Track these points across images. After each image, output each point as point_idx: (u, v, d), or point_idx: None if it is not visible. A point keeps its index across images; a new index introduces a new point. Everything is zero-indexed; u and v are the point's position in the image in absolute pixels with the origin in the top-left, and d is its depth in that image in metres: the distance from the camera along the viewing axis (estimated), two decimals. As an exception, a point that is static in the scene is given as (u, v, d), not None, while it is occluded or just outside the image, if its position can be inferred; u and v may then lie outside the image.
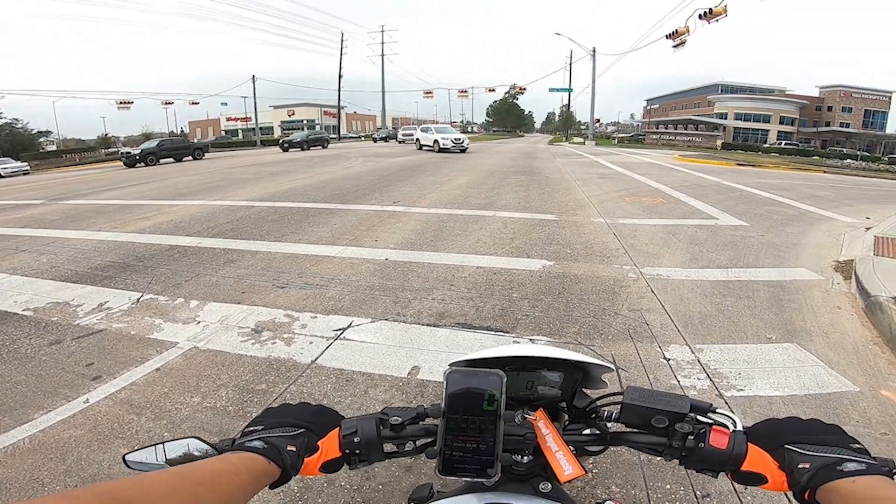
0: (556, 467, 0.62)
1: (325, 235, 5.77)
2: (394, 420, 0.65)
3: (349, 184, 10.69)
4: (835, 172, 21.15)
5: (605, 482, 1.86)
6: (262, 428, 0.60)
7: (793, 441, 0.57)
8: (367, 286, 4.04)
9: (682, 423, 0.62)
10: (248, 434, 0.59)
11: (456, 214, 7.10)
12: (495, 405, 0.59)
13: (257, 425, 0.61)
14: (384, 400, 2.44)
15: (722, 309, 3.64)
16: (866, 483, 0.49)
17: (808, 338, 3.18)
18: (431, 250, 5.12)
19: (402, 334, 3.17)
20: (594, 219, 6.97)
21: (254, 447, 0.55)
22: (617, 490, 1.83)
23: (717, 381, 2.64)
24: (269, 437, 0.58)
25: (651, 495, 1.80)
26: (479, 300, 3.74)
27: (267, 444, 0.56)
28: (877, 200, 10.60)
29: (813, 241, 5.96)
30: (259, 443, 0.56)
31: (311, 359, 2.84)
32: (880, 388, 2.59)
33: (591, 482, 1.86)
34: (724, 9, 16.47)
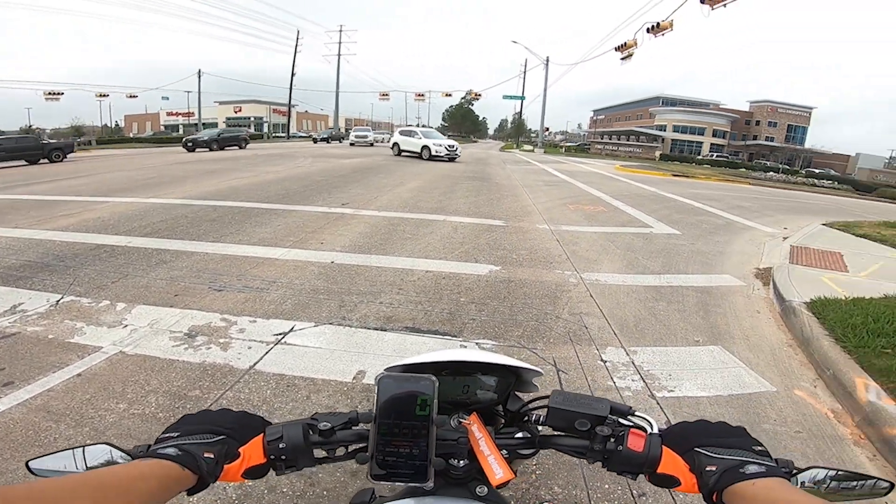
0: (488, 471, 0.63)
1: (267, 237, 5.57)
2: (323, 426, 0.64)
3: (296, 184, 10.39)
4: (758, 184, 22.96)
5: (547, 483, 1.91)
6: (177, 435, 0.58)
7: (701, 444, 0.60)
8: (312, 289, 3.94)
9: (602, 426, 0.64)
10: (162, 441, 0.58)
11: (407, 218, 7.08)
12: (428, 410, 0.60)
13: (173, 432, 0.59)
14: (328, 405, 2.39)
15: (654, 313, 3.85)
16: (765, 485, 0.52)
17: (732, 340, 3.42)
18: (380, 254, 5.07)
19: (348, 338, 3.12)
20: (539, 225, 7.17)
21: (166, 454, 0.54)
22: (559, 490, 1.88)
23: (650, 382, 2.78)
24: (184, 443, 0.56)
25: (591, 495, 1.86)
26: (428, 304, 3.75)
27: (182, 451, 0.54)
28: (794, 211, 11.61)
29: (737, 249, 6.43)
30: (173, 449, 0.55)
31: (249, 364, 2.74)
32: (794, 388, 2.83)
33: (535, 483, 1.91)
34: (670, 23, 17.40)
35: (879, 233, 7.79)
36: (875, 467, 2.18)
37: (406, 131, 24.80)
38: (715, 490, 0.54)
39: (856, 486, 0.59)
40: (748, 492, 0.52)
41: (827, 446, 2.31)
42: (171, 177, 11.29)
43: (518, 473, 1.90)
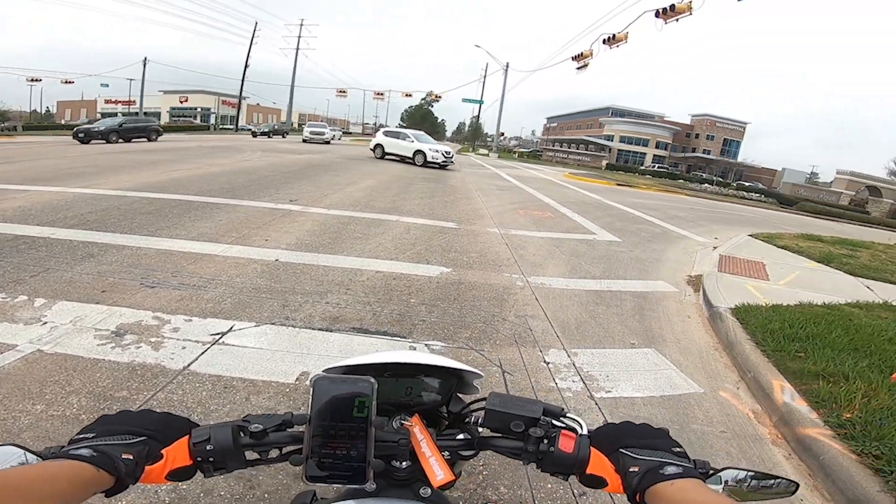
0: (429, 472, 0.63)
1: (207, 232, 5.31)
2: (255, 427, 0.63)
3: (242, 178, 9.97)
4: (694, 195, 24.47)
5: (494, 483, 1.94)
6: (93, 436, 0.56)
7: (626, 445, 0.62)
8: (253, 288, 3.79)
9: (535, 428, 0.66)
10: (76, 442, 0.56)
11: (358, 217, 6.97)
12: (366, 411, 0.59)
13: (88, 433, 0.57)
14: (269, 407, 2.32)
15: (595, 316, 4.01)
16: (681, 486, 0.55)
17: (664, 343, 3.62)
18: (328, 253, 4.97)
19: (291, 339, 3.03)
20: (490, 229, 7.29)
21: (79, 455, 0.52)
22: (505, 490, 1.91)
23: (589, 383, 2.88)
24: (100, 444, 0.54)
25: (535, 495, 1.91)
26: (377, 305, 3.71)
27: (97, 452, 0.53)
28: (724, 222, 12.46)
29: (672, 257, 6.82)
30: (87, 450, 0.53)
31: (183, 364, 2.60)
32: (719, 390, 3.03)
33: (482, 483, 1.93)
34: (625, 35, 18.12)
35: (797, 244, 8.51)
36: (790, 466, 2.36)
37: (393, 132, 22.37)
38: (637, 490, 0.57)
39: (769, 486, 0.63)
40: (666, 492, 0.54)
41: (749, 446, 2.47)
42: (106, 166, 10.52)
43: (465, 474, 1.94)
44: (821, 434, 2.41)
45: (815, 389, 2.76)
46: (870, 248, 9.52)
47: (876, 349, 3.36)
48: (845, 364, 3.06)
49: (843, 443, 2.32)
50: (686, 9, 14.11)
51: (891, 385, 2.82)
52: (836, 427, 2.44)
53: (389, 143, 21.08)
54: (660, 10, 14.75)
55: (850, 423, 2.44)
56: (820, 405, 2.63)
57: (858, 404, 2.58)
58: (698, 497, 0.53)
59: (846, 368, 3.00)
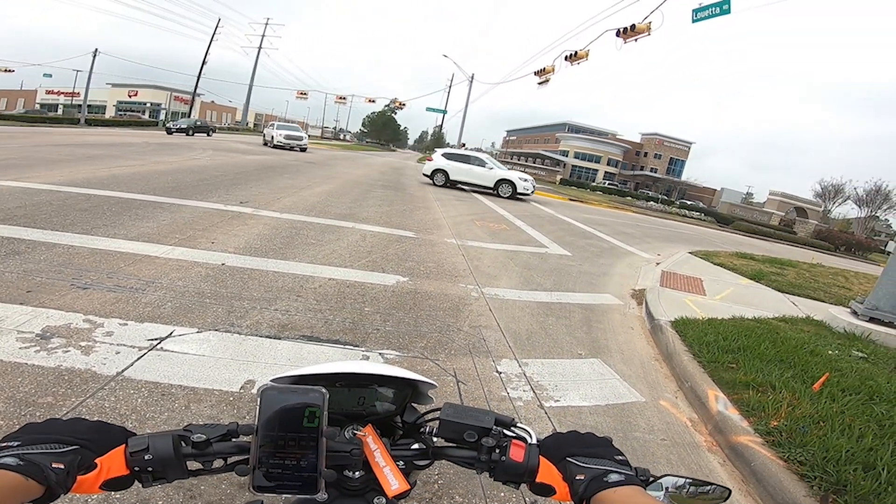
0: (384, 482, 0.64)
1: (148, 232, 5.03)
2: (197, 437, 0.61)
3: (189, 177, 9.53)
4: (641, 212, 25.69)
5: (449, 492, 1.94)
6: (18, 444, 0.53)
7: (572, 454, 0.64)
8: (196, 292, 3.62)
9: (487, 438, 0.67)
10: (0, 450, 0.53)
11: (312, 223, 6.82)
12: (316, 422, 0.59)
13: (12, 441, 0.54)
14: (211, 416, 2.22)
15: (545, 327, 4.11)
16: (623, 493, 0.57)
17: (609, 354, 3.75)
18: (279, 258, 4.82)
19: (236, 346, 2.91)
20: (448, 239, 7.33)
21: (4, 463, 0.50)
22: (460, 499, 1.91)
23: (539, 392, 2.94)
24: (26, 453, 0.52)
25: (489, 502, 1.93)
26: (329, 313, 3.63)
27: (23, 461, 0.51)
28: (667, 239, 13.14)
29: (618, 271, 7.12)
30: (13, 459, 0.51)
31: (116, 370, 2.44)
32: (660, 399, 3.17)
33: (438, 493, 1.93)
34: (586, 53, 18.67)
35: (732, 262, 9.10)
36: (725, 472, 2.48)
37: (459, 155, 18.22)
38: (583, 498, 0.59)
39: (705, 492, 0.68)
40: (610, 499, 0.57)
41: (687, 453, 2.59)
42: (40, 159, 9.76)
43: (420, 483, 1.92)
44: (751, 441, 2.55)
45: (745, 399, 2.94)
46: (795, 266, 10.32)
47: (799, 360, 3.61)
48: (772, 374, 3.27)
49: (772, 450, 2.47)
50: (645, 29, 14.82)
51: (812, 394, 3.03)
52: (765, 434, 2.59)
53: (457, 170, 17.40)
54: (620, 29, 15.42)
55: (777, 430, 2.59)
56: (750, 414, 2.79)
57: (784, 413, 2.76)
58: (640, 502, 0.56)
59: (773, 379, 3.20)
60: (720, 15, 12.76)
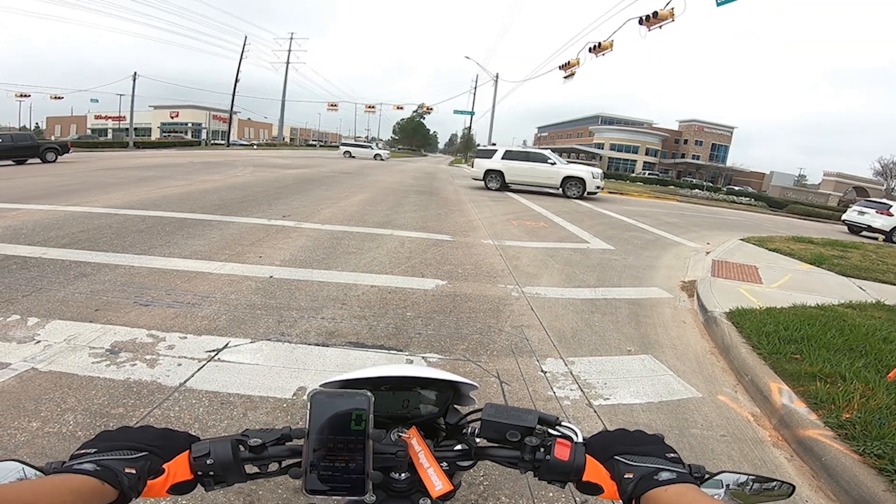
0: (428, 483, 0.64)
1: (200, 249, 5.29)
2: (253, 442, 0.64)
3: (234, 194, 9.97)
4: (685, 201, 24.68)
5: (495, 493, 1.93)
6: (94, 451, 0.57)
7: (620, 452, 0.63)
8: (248, 305, 3.77)
9: (530, 437, 0.67)
10: (77, 457, 0.56)
11: (352, 232, 6.97)
12: (363, 424, 0.60)
13: (89, 448, 0.58)
14: (266, 422, 2.30)
15: (590, 324, 4.01)
16: (675, 491, 0.55)
17: (661, 349, 3.63)
18: (322, 268, 4.95)
19: (287, 354, 3.01)
20: (484, 240, 7.31)
21: (83, 469, 0.53)
22: (506, 500, 1.90)
23: (587, 391, 2.88)
24: (102, 459, 0.55)
25: (536, 503, 1.90)
26: (373, 319, 3.69)
27: (100, 467, 0.54)
28: (716, 227, 12.57)
29: (665, 263, 6.87)
30: (90, 465, 0.54)
31: (179, 381, 2.58)
32: (717, 394, 3.03)
33: (483, 494, 1.92)
34: (610, 43, 18.26)
35: (789, 247, 8.60)
36: (793, 468, 2.35)
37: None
38: (632, 497, 0.57)
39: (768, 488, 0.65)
40: (661, 498, 0.55)
41: (750, 449, 2.47)
42: (96, 183, 10.48)
43: (465, 485, 1.93)
44: (821, 435, 2.41)
45: (812, 391, 2.77)
46: (860, 248, 9.64)
47: (871, 349, 3.38)
48: (841, 364, 3.08)
49: (845, 443, 2.33)
50: (669, 15, 14.35)
51: (888, 384, 2.83)
52: (837, 428, 2.44)
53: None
54: (643, 17, 14.99)
55: (850, 423, 2.44)
56: (818, 406, 2.63)
57: (857, 404, 2.59)
58: (692, 501, 0.54)
59: (843, 369, 3.01)
60: None
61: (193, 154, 28.10)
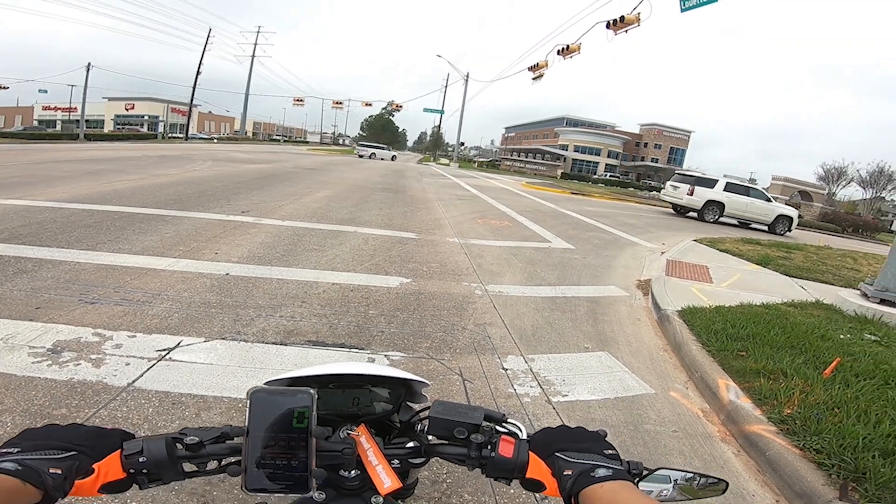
0: (377, 480, 0.65)
1: (152, 245, 5.06)
2: (190, 440, 0.63)
3: (191, 188, 9.58)
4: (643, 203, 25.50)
5: (458, 491, 1.95)
6: (17, 450, 0.55)
7: (561, 448, 0.64)
8: (202, 303, 3.64)
9: (476, 434, 0.68)
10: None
11: (314, 229, 6.84)
12: (305, 422, 0.60)
13: (12, 447, 0.55)
14: (221, 422, 2.24)
15: (550, 322, 4.10)
16: (610, 488, 0.57)
17: (616, 346, 3.74)
18: (282, 265, 4.84)
19: (244, 353, 2.93)
20: (450, 238, 7.33)
21: (3, 468, 0.51)
22: (469, 498, 1.92)
23: (546, 388, 2.94)
24: (25, 458, 0.53)
25: (498, 500, 1.93)
26: (334, 317, 3.64)
27: (22, 466, 0.52)
28: (671, 229, 13.06)
29: (622, 262, 7.09)
30: (11, 464, 0.52)
31: (127, 381, 2.47)
32: (669, 390, 3.15)
33: (446, 491, 1.93)
34: (578, 46, 18.64)
35: (738, 248, 9.04)
36: (740, 462, 2.46)
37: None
38: (571, 493, 0.58)
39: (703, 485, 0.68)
40: (596, 494, 0.56)
41: (700, 444, 2.57)
42: (42, 176, 9.84)
43: (428, 482, 1.94)
44: (765, 430, 2.52)
45: (757, 387, 2.90)
46: (802, 250, 10.24)
47: (810, 346, 3.57)
48: (783, 361, 3.23)
49: (787, 438, 2.43)
50: (635, 20, 14.74)
51: (825, 381, 2.98)
52: (779, 423, 2.54)
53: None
54: (610, 21, 15.36)
55: (791, 418, 2.55)
56: (763, 402, 2.75)
57: (797, 400, 2.71)
58: (626, 499, 0.55)
59: (784, 365, 3.15)
60: (708, 3, 12.56)
61: (149, 147, 26.84)
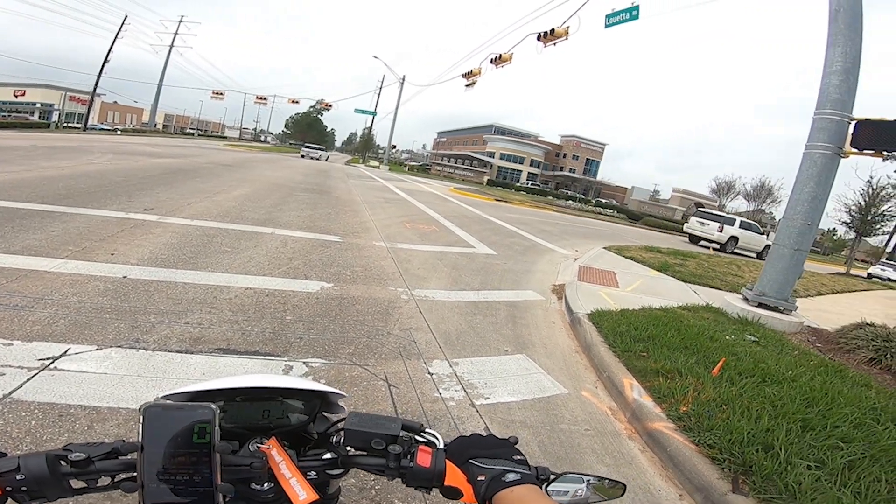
0: (291, 494, 0.63)
1: (35, 244, 4.46)
2: (76, 456, 0.58)
3: (85, 183, 8.59)
4: (560, 211, 27.00)
5: (388, 497, 1.93)
6: None
7: (474, 455, 0.66)
8: (94, 308, 3.27)
9: (394, 445, 0.68)
10: None
11: (226, 229, 6.41)
12: (207, 437, 0.57)
13: None
14: (118, 434, 2.05)
15: (473, 326, 4.19)
16: (519, 492, 0.60)
17: (533, 349, 3.90)
18: (189, 268, 4.48)
19: (143, 362, 2.67)
20: (376, 242, 7.24)
21: None
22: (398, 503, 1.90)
23: (470, 391, 2.99)
24: None
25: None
26: (247, 323, 3.43)
27: None
28: (584, 236, 13.93)
29: (540, 268, 7.44)
30: None
31: (3, 392, 2.17)
32: (581, 390, 3.33)
33: (376, 498, 1.91)
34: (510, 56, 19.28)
35: (641, 255, 9.84)
36: (645, 459, 2.60)
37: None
38: (485, 498, 0.60)
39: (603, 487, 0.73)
40: (507, 498, 0.59)
41: (609, 441, 2.72)
42: None
43: (356, 489, 1.89)
44: (665, 427, 2.68)
45: (657, 386, 3.10)
46: (696, 257, 11.38)
47: (701, 346, 3.90)
48: (679, 361, 3.49)
49: (683, 434, 2.59)
50: (564, 33, 15.54)
51: (714, 379, 3.25)
52: (676, 420, 2.72)
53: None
54: (541, 33, 16.08)
55: (687, 415, 2.73)
56: (662, 400, 2.94)
57: (691, 398, 2.91)
58: (532, 501, 0.58)
59: (679, 365, 3.40)
60: (630, 20, 13.55)
61: (39, 137, 23.56)
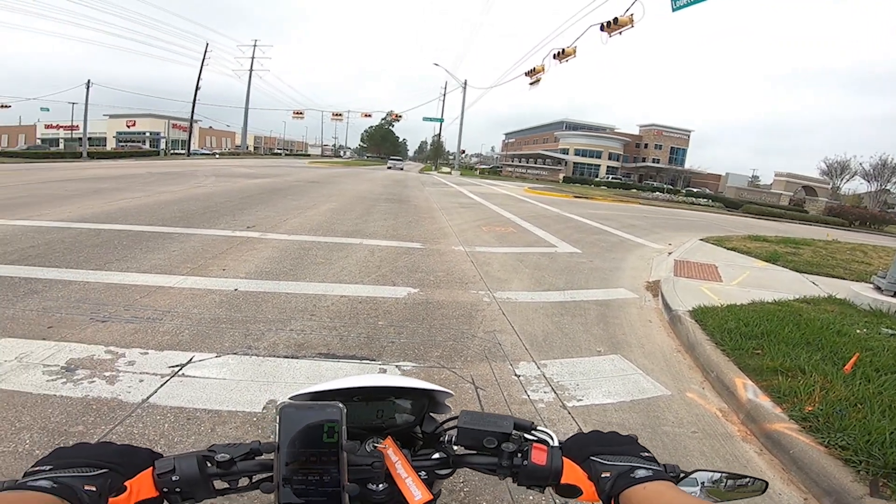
0: (407, 494, 0.64)
1: (160, 263, 5.08)
2: (221, 457, 0.62)
3: (195, 205, 9.64)
4: (647, 203, 25.49)
5: (476, 499, 1.92)
6: (50, 468, 0.54)
7: (596, 453, 0.64)
8: (212, 319, 3.64)
9: (507, 443, 0.67)
10: (32, 474, 0.53)
11: (320, 242, 6.85)
12: (336, 437, 0.59)
13: (44, 465, 0.55)
14: (236, 436, 2.25)
15: (560, 327, 4.07)
16: (654, 488, 0.56)
17: (629, 349, 3.71)
18: (290, 279, 4.84)
19: (255, 368, 2.92)
20: (455, 247, 7.32)
21: (39, 486, 0.51)
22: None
23: (561, 393, 2.91)
24: (59, 476, 0.53)
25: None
26: (343, 329, 3.63)
27: (57, 484, 0.51)
28: (677, 228, 13.02)
29: (630, 265, 7.06)
30: (47, 482, 0.51)
31: (141, 398, 2.48)
32: (686, 391, 3.11)
33: (464, 500, 1.91)
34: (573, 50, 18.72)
35: (745, 246, 8.98)
36: (763, 462, 2.41)
37: None
38: (611, 495, 0.58)
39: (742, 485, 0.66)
40: (640, 495, 0.56)
41: (720, 444, 2.53)
42: (48, 196, 9.94)
43: (445, 492, 1.91)
44: (787, 428, 2.47)
45: (775, 385, 2.85)
46: (811, 245, 10.17)
47: (826, 342, 3.52)
48: (801, 358, 3.18)
49: (810, 436, 2.38)
50: (629, 21, 14.80)
51: (845, 376, 2.93)
52: (801, 420, 2.50)
53: None
54: (604, 23, 15.42)
55: (813, 415, 2.50)
56: (782, 400, 2.71)
57: (818, 397, 2.66)
58: (673, 499, 0.54)
59: (802, 362, 3.11)
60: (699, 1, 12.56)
61: (152, 164, 27.05)
